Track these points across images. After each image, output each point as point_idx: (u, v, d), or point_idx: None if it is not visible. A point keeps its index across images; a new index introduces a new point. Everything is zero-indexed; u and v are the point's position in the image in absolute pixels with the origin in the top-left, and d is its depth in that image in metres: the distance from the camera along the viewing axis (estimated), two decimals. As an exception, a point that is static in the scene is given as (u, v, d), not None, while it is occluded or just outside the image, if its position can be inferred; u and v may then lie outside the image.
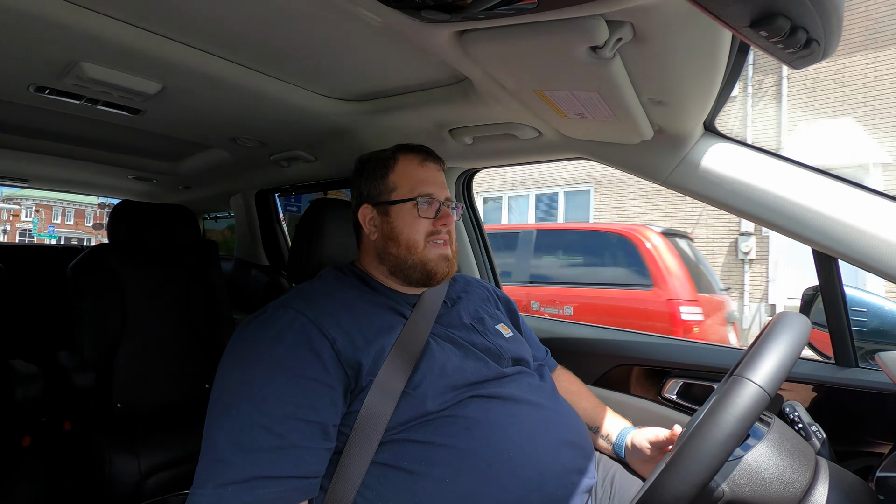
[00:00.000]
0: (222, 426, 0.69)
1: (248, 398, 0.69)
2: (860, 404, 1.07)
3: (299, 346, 0.74)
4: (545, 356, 1.13)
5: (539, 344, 1.15)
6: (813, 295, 1.22)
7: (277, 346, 0.74)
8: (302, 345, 0.74)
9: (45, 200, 32.09)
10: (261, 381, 0.70)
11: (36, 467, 1.35)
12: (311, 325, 0.76)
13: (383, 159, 0.97)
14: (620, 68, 0.74)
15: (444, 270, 0.92)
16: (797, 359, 0.60)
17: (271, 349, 0.74)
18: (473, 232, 1.75)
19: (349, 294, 0.88)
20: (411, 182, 0.94)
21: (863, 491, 0.69)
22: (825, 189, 0.91)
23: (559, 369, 1.17)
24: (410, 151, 0.97)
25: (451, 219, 0.94)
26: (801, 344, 0.61)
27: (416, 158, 0.96)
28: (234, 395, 0.71)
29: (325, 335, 0.76)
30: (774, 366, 0.56)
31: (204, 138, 1.56)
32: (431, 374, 0.80)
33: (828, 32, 0.48)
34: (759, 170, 0.96)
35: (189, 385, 1.91)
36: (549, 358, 1.15)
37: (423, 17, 0.65)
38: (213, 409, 0.72)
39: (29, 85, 1.06)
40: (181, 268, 2.05)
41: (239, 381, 0.72)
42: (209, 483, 0.65)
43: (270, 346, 0.74)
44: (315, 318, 0.77)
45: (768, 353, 0.58)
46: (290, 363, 0.72)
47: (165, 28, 0.85)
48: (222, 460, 0.66)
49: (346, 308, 0.83)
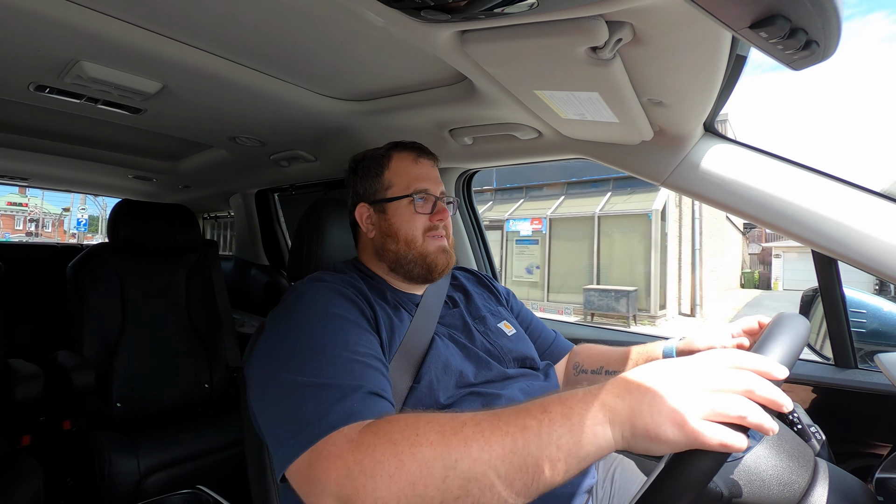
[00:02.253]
0: (299, 380, 0.66)
1: (320, 342, 0.70)
2: (859, 406, 1.07)
3: (344, 301, 0.79)
4: (553, 338, 1.13)
5: (544, 328, 1.14)
6: (812, 296, 1.22)
7: (330, 301, 0.78)
8: (346, 299, 0.80)
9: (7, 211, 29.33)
10: (323, 326, 0.73)
11: (35, 466, 1.35)
12: (348, 287, 0.83)
13: (377, 157, 0.98)
14: (620, 69, 0.74)
15: (443, 263, 0.93)
16: (797, 360, 0.60)
17: (322, 305, 0.77)
18: (473, 230, 1.77)
19: (361, 284, 0.89)
20: (406, 179, 0.95)
21: (862, 492, 0.69)
22: (825, 190, 0.91)
23: (577, 348, 1.14)
24: (404, 149, 0.98)
25: (447, 213, 0.95)
26: (801, 344, 0.61)
27: (410, 155, 0.97)
28: (301, 348, 0.70)
29: (362, 296, 0.83)
30: (780, 355, 0.56)
31: (204, 138, 1.56)
32: (436, 369, 0.81)
33: (828, 34, 0.47)
34: (759, 171, 0.96)
35: (189, 384, 1.91)
36: (559, 338, 1.14)
37: (423, 17, 0.65)
38: (279, 372, 0.69)
39: (29, 84, 1.06)
40: (181, 267, 2.05)
41: (297, 337, 0.73)
42: (329, 407, 0.62)
43: (319, 304, 0.78)
44: (346, 283, 0.84)
45: (768, 353, 0.58)
46: (341, 312, 0.77)
47: (166, 27, 0.85)
48: (328, 386, 0.65)
49: (368, 294, 0.86)
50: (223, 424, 1.77)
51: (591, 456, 0.51)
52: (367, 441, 0.56)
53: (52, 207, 27.14)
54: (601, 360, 1.04)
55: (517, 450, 0.52)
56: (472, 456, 0.52)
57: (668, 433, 0.48)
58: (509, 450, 0.52)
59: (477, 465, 0.52)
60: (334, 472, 0.55)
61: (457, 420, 0.56)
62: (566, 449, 0.51)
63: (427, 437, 0.54)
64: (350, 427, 0.60)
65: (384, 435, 0.56)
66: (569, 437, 0.51)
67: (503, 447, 0.52)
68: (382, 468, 0.53)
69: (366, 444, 0.56)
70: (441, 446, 0.53)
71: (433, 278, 0.94)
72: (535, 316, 1.16)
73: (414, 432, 0.55)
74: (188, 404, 1.88)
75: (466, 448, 0.53)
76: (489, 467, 0.52)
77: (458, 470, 0.52)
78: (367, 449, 0.55)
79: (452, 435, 0.54)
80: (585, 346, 1.12)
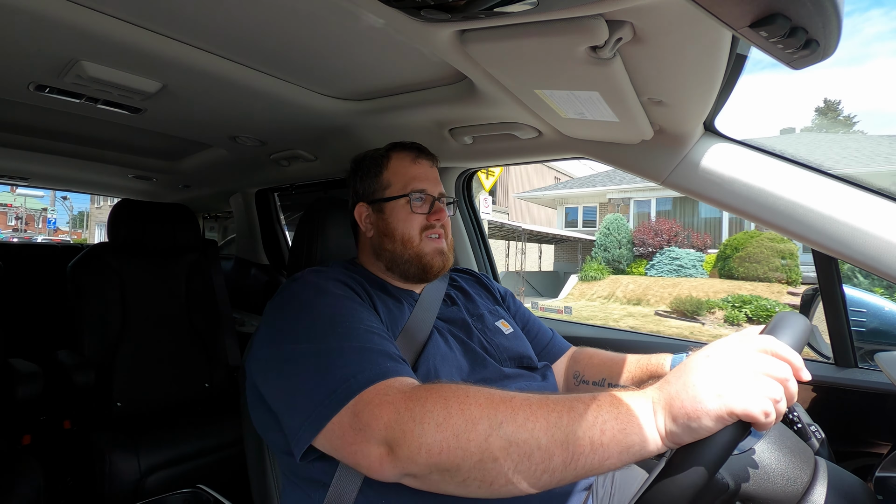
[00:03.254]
0: (321, 347, 0.68)
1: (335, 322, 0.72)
2: (859, 404, 1.07)
3: (344, 287, 0.82)
4: (550, 337, 1.12)
5: (542, 326, 1.14)
6: (813, 295, 1.22)
7: (333, 285, 0.80)
8: (345, 286, 0.82)
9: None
10: (332, 304, 0.75)
11: (36, 466, 1.35)
12: (346, 277, 0.85)
13: (377, 158, 0.99)
14: (620, 68, 0.74)
15: (439, 264, 0.94)
16: (804, 346, 0.60)
17: (327, 288, 0.79)
18: (473, 230, 1.77)
19: (362, 280, 0.90)
20: (404, 179, 0.95)
21: (861, 491, 0.69)
22: (825, 189, 0.91)
23: (574, 350, 1.11)
24: (403, 149, 0.99)
25: (444, 213, 0.96)
26: (801, 343, 0.61)
27: (408, 156, 0.98)
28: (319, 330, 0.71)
29: (359, 285, 0.84)
30: (793, 342, 0.56)
31: (204, 137, 1.56)
32: (435, 359, 0.82)
33: (828, 33, 0.47)
34: (759, 170, 0.96)
35: (189, 384, 1.91)
36: (555, 337, 1.12)
37: (423, 16, 0.65)
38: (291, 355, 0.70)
39: (29, 84, 1.06)
40: (181, 267, 2.05)
41: (308, 314, 0.74)
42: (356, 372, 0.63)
43: (323, 287, 0.80)
44: (344, 274, 0.86)
45: (785, 332, 0.58)
46: (345, 293, 0.79)
47: (166, 27, 0.85)
48: (355, 348, 0.67)
49: (365, 285, 0.87)
50: (223, 424, 1.78)
51: (636, 448, 0.52)
52: (420, 393, 0.59)
53: (36, 204, 29.34)
54: (603, 371, 1.01)
55: (562, 425, 0.53)
56: (517, 422, 0.54)
57: (707, 406, 0.49)
58: (554, 423, 0.53)
59: (520, 430, 0.53)
60: (385, 417, 0.58)
61: (506, 392, 0.59)
62: (610, 434, 0.52)
63: (476, 399, 0.57)
64: (397, 380, 0.63)
65: (436, 391, 0.59)
66: (614, 423, 0.52)
67: (548, 420, 0.54)
68: (431, 416, 0.56)
69: (418, 395, 0.59)
70: (488, 408, 0.56)
71: (428, 279, 0.95)
72: (532, 315, 1.16)
73: (465, 393, 0.58)
74: (188, 403, 1.88)
75: (512, 414, 0.55)
76: (531, 435, 0.53)
77: (501, 431, 0.54)
78: (418, 399, 0.58)
79: (501, 402, 0.56)
80: (586, 352, 1.08)
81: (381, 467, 0.58)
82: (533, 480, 0.53)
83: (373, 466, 0.58)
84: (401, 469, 0.57)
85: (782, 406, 0.49)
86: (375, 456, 0.58)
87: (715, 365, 0.51)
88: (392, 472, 0.58)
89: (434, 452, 0.54)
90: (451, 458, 0.54)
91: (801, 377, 0.51)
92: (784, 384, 0.50)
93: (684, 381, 0.52)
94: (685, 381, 0.52)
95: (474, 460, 0.53)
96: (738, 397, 0.48)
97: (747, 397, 0.48)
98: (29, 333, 1.99)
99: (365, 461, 0.59)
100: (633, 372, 0.96)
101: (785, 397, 0.49)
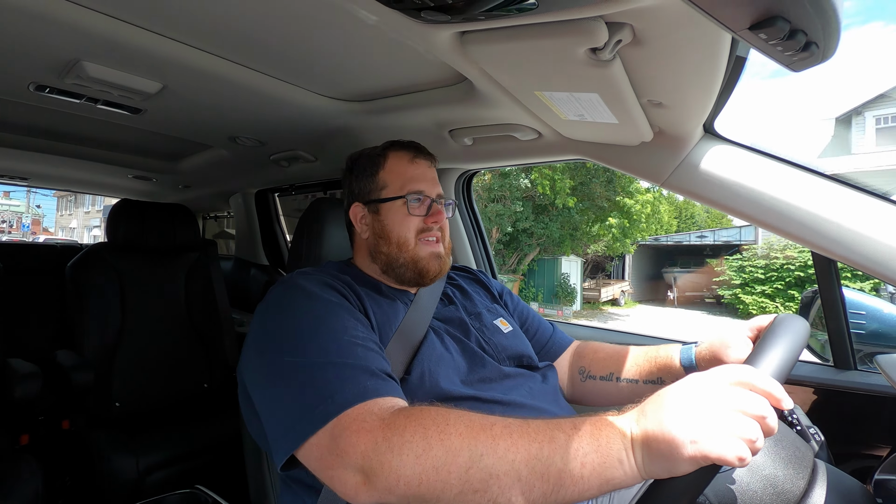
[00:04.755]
0: (301, 361, 0.67)
1: (322, 331, 0.71)
2: (859, 407, 1.07)
3: (332, 291, 0.80)
4: (552, 333, 1.10)
5: (542, 322, 1.12)
6: (812, 297, 1.22)
7: (319, 289, 0.79)
8: (333, 289, 0.80)
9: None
10: (316, 312, 0.74)
11: (34, 466, 1.34)
12: (334, 279, 0.83)
13: (373, 157, 0.96)
14: (620, 70, 0.75)
15: (435, 269, 0.91)
16: (796, 361, 0.60)
17: (313, 293, 0.78)
18: (472, 230, 1.77)
19: (352, 281, 0.89)
20: (401, 179, 0.93)
21: (861, 493, 0.69)
22: (825, 191, 0.91)
23: (577, 345, 1.10)
24: (401, 148, 0.96)
25: (442, 215, 0.93)
26: (801, 346, 0.61)
27: (406, 155, 0.95)
28: (303, 335, 0.70)
29: (348, 286, 0.83)
30: (774, 368, 0.56)
31: (204, 138, 1.56)
32: (430, 361, 0.80)
33: (827, 35, 0.47)
34: (759, 172, 0.96)
35: (188, 384, 1.91)
36: (557, 332, 1.11)
37: (423, 17, 0.65)
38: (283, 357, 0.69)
39: (29, 84, 1.06)
40: (181, 267, 2.05)
41: (292, 322, 0.73)
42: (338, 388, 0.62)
43: (309, 292, 0.78)
44: (333, 276, 0.85)
45: (768, 355, 0.58)
46: (332, 298, 0.78)
47: (166, 27, 0.85)
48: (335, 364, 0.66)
49: (355, 286, 0.86)
50: (222, 424, 1.77)
51: (616, 481, 0.51)
52: (399, 421, 0.57)
53: (17, 208, 31.51)
54: (610, 366, 0.98)
55: (542, 457, 0.52)
56: (498, 453, 0.53)
57: (681, 451, 0.48)
58: (534, 455, 0.52)
59: (501, 463, 0.52)
60: (362, 445, 0.56)
61: (487, 419, 0.57)
62: (590, 468, 0.51)
63: (457, 428, 0.55)
64: (377, 403, 0.61)
65: (415, 419, 0.57)
66: (594, 456, 0.52)
67: (528, 452, 0.53)
68: (410, 448, 0.54)
69: (397, 424, 0.57)
70: (469, 438, 0.54)
71: (424, 283, 0.92)
72: (531, 310, 1.14)
73: (445, 421, 0.56)
74: (187, 403, 1.88)
75: (493, 445, 0.54)
76: (512, 468, 0.52)
77: (482, 463, 0.53)
78: (397, 428, 0.56)
79: (481, 431, 0.55)
80: (590, 346, 1.06)
81: (357, 495, 0.56)
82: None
83: (348, 493, 0.57)
84: (377, 498, 0.56)
85: (759, 444, 0.47)
86: (352, 484, 0.56)
87: (690, 404, 0.50)
88: (368, 501, 0.56)
89: (413, 484, 0.53)
90: (431, 490, 0.53)
91: (783, 407, 0.50)
92: (761, 421, 0.48)
93: (660, 420, 0.50)
94: (661, 419, 0.50)
95: (454, 492, 0.53)
96: (712, 442, 0.47)
97: (721, 442, 0.46)
98: (28, 333, 1.98)
99: (341, 487, 0.58)
100: (642, 365, 0.94)
101: (762, 434, 0.48)
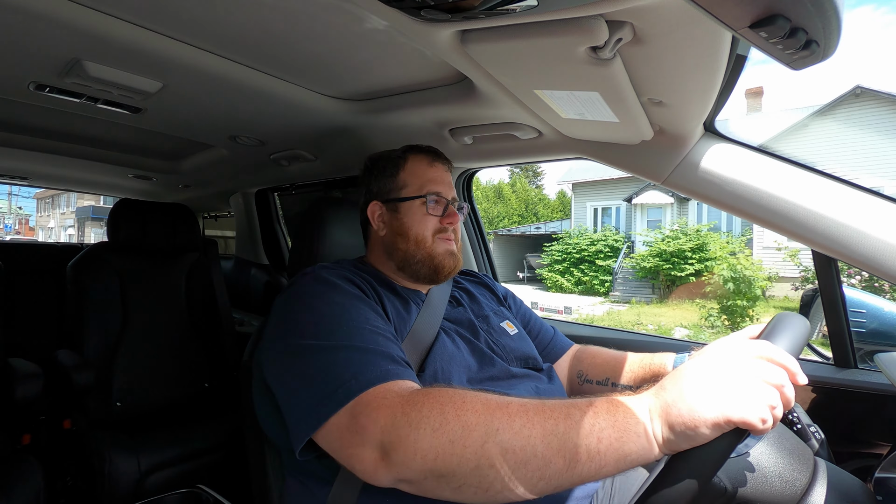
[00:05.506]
0: (326, 344, 0.69)
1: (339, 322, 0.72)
2: (859, 405, 1.07)
3: (353, 286, 0.81)
4: (552, 335, 1.13)
5: (543, 325, 1.15)
6: (812, 296, 1.22)
7: (341, 283, 0.80)
8: (354, 285, 0.82)
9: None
10: (340, 302, 0.75)
11: (35, 466, 1.35)
12: (355, 276, 0.85)
13: (393, 158, 1.00)
14: (620, 69, 0.74)
15: (450, 265, 0.95)
16: (803, 347, 0.60)
17: (335, 286, 0.79)
18: (473, 231, 1.77)
19: (370, 279, 0.90)
20: (421, 181, 0.97)
21: (861, 491, 0.69)
22: (825, 190, 0.91)
23: (577, 349, 1.13)
24: (420, 152, 1.00)
25: (457, 217, 0.97)
26: (801, 344, 0.61)
27: (425, 159, 1.00)
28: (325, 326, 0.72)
29: (368, 284, 0.85)
30: (789, 344, 0.56)
31: (204, 137, 1.56)
32: (442, 360, 0.82)
33: (827, 34, 0.47)
34: (759, 170, 0.96)
35: (189, 383, 1.91)
36: (557, 335, 1.14)
37: (423, 16, 0.65)
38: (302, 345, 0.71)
39: (29, 83, 1.06)
40: (181, 267, 2.05)
41: (315, 310, 0.75)
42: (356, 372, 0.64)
43: (331, 285, 0.80)
44: (353, 273, 0.86)
45: (782, 334, 0.58)
46: (354, 291, 0.80)
47: (167, 27, 0.85)
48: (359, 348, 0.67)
49: (374, 284, 0.87)
50: (223, 423, 1.78)
51: (633, 456, 0.52)
52: (418, 398, 0.59)
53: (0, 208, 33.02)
54: (607, 371, 1.02)
55: (558, 433, 0.53)
56: (514, 429, 0.54)
57: (704, 415, 0.49)
58: (550, 431, 0.53)
59: (517, 438, 0.53)
60: (382, 420, 0.58)
61: (503, 398, 0.58)
62: (607, 443, 0.52)
63: (473, 405, 0.57)
64: (396, 384, 0.63)
65: (434, 396, 0.59)
66: (611, 431, 0.52)
67: (544, 427, 0.54)
68: (427, 422, 0.56)
69: (415, 400, 0.59)
70: (485, 415, 0.55)
71: (439, 280, 0.96)
72: (533, 313, 1.17)
73: (462, 399, 0.58)
74: (188, 403, 1.88)
75: (509, 421, 0.55)
76: (528, 442, 0.53)
77: (497, 438, 0.53)
78: (415, 404, 0.58)
79: (497, 408, 0.56)
80: (589, 351, 1.09)
81: (376, 472, 0.58)
82: (529, 486, 0.53)
83: (367, 471, 0.58)
84: (395, 474, 0.57)
85: (779, 412, 0.49)
86: (370, 460, 0.58)
87: (711, 372, 0.51)
88: (386, 477, 0.58)
89: (429, 458, 0.54)
90: (447, 464, 0.54)
91: (798, 381, 0.51)
92: (780, 390, 0.50)
93: (681, 389, 0.51)
94: (681, 388, 0.51)
95: (470, 466, 0.53)
96: (735, 405, 0.48)
97: (744, 405, 0.48)
98: (29, 333, 1.99)
99: (360, 465, 0.59)
100: (637, 371, 0.97)
101: (781, 403, 0.49)
